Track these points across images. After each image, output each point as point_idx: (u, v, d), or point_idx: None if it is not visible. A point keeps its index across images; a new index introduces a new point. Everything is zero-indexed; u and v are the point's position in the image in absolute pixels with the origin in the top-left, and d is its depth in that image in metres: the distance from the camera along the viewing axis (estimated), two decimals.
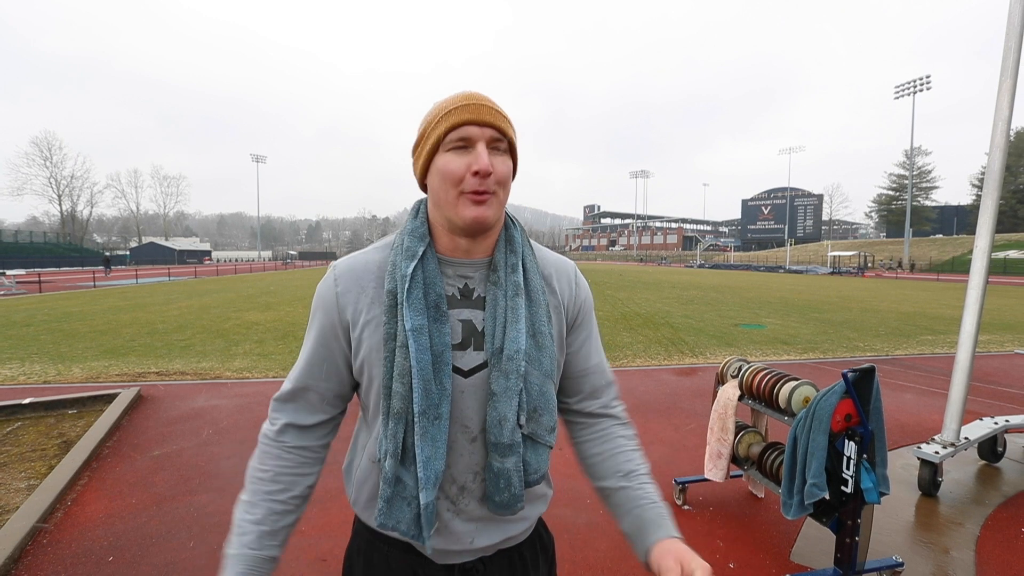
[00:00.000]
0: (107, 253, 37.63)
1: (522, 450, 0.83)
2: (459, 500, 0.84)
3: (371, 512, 0.87)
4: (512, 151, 0.84)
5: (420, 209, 0.90)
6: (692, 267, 57.49)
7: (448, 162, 0.79)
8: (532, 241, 0.95)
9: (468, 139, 0.79)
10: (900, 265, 48.70)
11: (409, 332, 0.78)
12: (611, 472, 0.91)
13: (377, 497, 0.83)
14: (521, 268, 0.87)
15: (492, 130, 0.79)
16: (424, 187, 0.88)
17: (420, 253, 0.83)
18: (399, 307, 0.80)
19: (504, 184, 0.82)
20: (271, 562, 0.83)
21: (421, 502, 0.79)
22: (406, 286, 0.80)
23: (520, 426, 0.82)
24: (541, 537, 0.99)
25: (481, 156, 0.77)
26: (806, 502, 2.12)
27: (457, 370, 0.83)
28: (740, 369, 2.91)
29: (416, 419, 0.78)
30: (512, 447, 0.81)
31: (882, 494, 2.08)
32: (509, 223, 0.91)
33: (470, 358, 0.83)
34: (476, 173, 0.77)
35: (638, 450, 0.94)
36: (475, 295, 0.86)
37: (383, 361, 0.81)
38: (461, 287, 0.86)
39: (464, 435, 0.83)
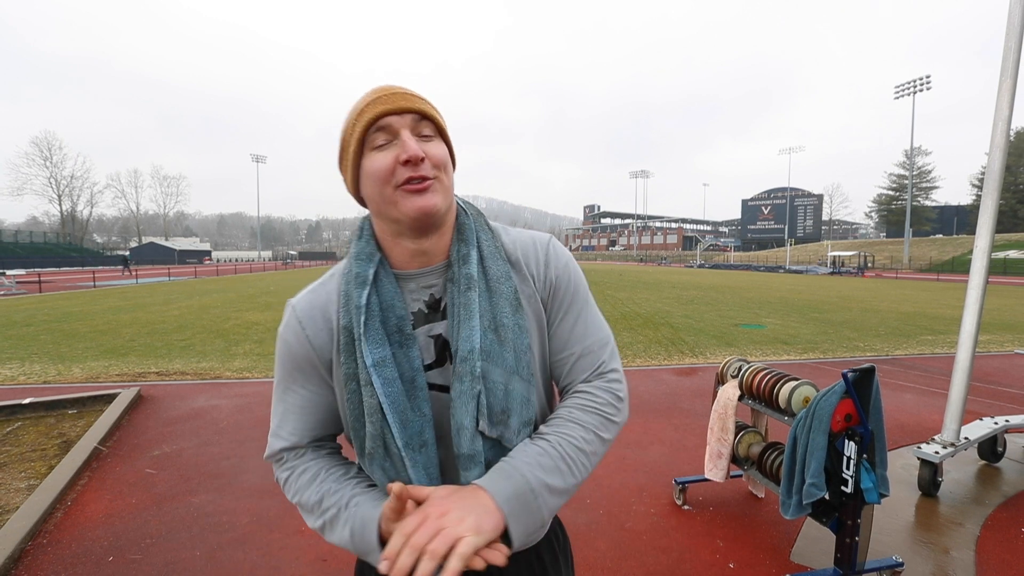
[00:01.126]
0: (126, 253, 37.75)
1: (486, 458, 0.75)
2: None
3: None
4: (442, 133, 0.78)
5: (364, 228, 0.83)
6: (692, 267, 57.49)
7: (374, 161, 0.73)
8: (498, 225, 0.87)
9: (390, 130, 0.73)
10: (867, 264, 48.60)
11: (371, 368, 0.73)
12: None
13: None
14: (475, 257, 0.79)
15: (413, 114, 0.74)
16: (362, 201, 0.80)
17: (371, 277, 0.77)
18: (357, 343, 0.74)
19: (443, 168, 0.76)
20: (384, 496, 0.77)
21: None
22: (362, 318, 0.74)
23: (480, 432, 0.75)
24: (557, 537, 0.94)
25: (408, 143, 0.72)
26: (804, 502, 2.12)
27: (442, 388, 0.78)
28: (740, 369, 2.91)
29: (404, 453, 0.74)
30: (473, 457, 0.74)
31: (882, 495, 2.08)
32: (460, 211, 0.84)
33: (448, 372, 0.78)
34: (407, 162, 0.71)
35: (577, 408, 0.79)
36: (442, 305, 0.80)
37: (346, 403, 0.77)
38: (427, 300, 0.80)
39: None
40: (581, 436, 0.77)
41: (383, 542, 0.69)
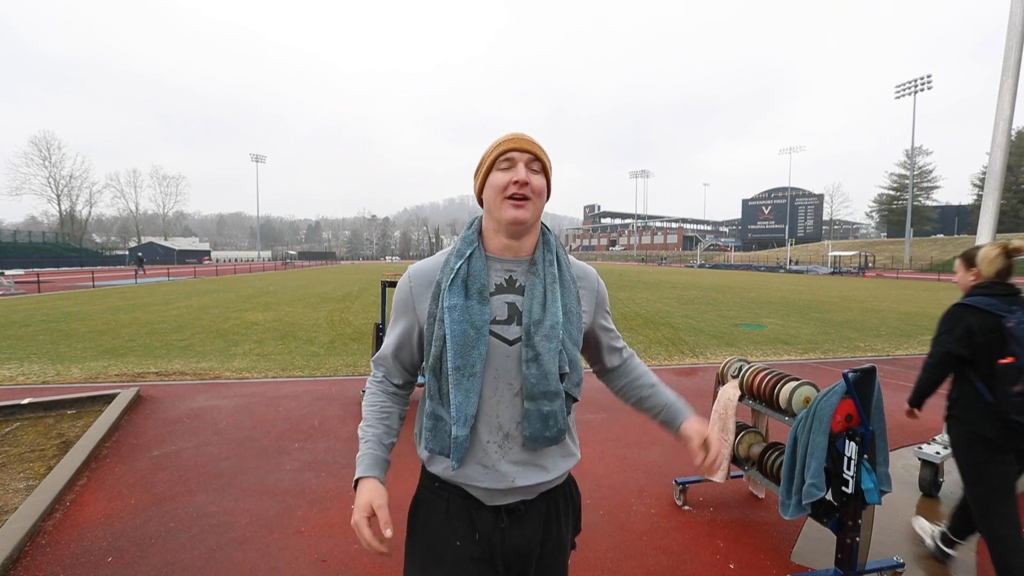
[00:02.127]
0: (140, 253, 38.01)
1: (563, 395, 1.08)
2: (504, 444, 1.08)
3: (436, 465, 1.12)
4: (546, 173, 1.12)
5: (474, 222, 1.18)
6: (692, 267, 57.49)
7: (497, 177, 1.09)
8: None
9: (512, 160, 1.08)
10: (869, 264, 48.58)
11: (446, 309, 1.05)
12: (639, 388, 1.31)
13: (428, 443, 1.10)
14: (556, 263, 1.14)
15: (529, 155, 1.09)
16: (480, 202, 1.15)
17: (468, 253, 1.10)
18: (441, 292, 1.07)
19: (539, 194, 1.09)
20: (386, 462, 1.13)
21: (453, 434, 1.04)
22: (450, 277, 1.07)
23: (562, 377, 1.08)
24: (571, 492, 1.24)
25: (520, 171, 1.07)
26: (804, 502, 2.12)
27: (503, 339, 1.08)
28: (740, 369, 2.91)
29: (450, 373, 1.04)
30: (557, 393, 1.07)
31: (883, 492, 2.08)
32: (546, 231, 1.18)
33: (513, 331, 1.08)
34: (516, 183, 1.06)
35: (648, 371, 1.35)
36: (518, 284, 1.12)
37: (427, 331, 1.10)
38: (507, 279, 1.12)
39: (508, 390, 1.08)
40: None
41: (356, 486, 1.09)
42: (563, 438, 1.10)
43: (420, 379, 1.47)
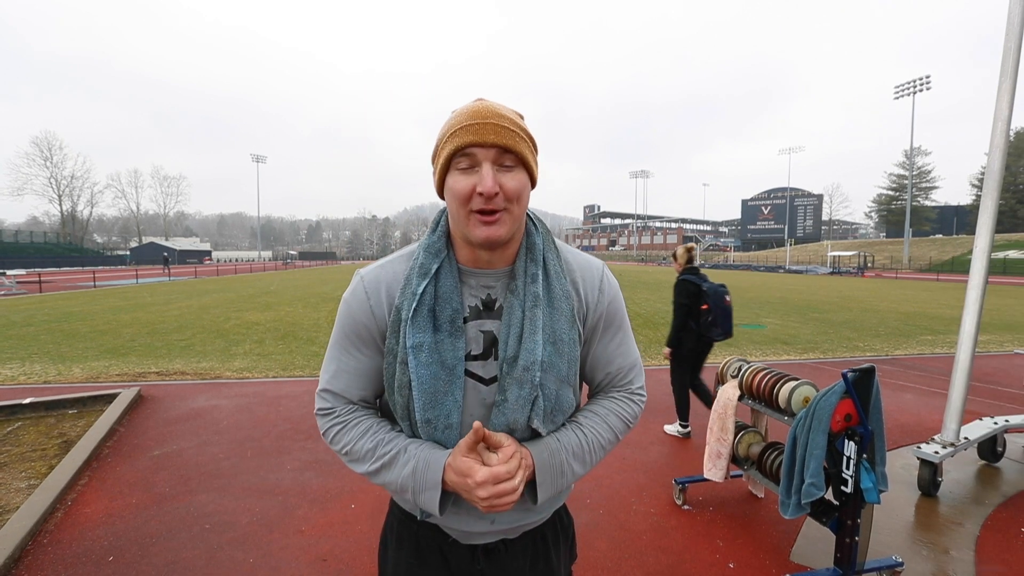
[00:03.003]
0: (165, 253, 38.42)
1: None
2: None
3: (398, 494, 0.91)
4: (525, 162, 0.83)
5: (440, 222, 0.91)
6: None
7: (456, 182, 0.80)
8: (558, 242, 0.96)
9: (473, 159, 0.79)
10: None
11: (409, 349, 0.82)
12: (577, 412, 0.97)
13: None
14: (542, 276, 0.88)
15: (496, 149, 0.79)
16: (442, 196, 0.88)
17: (434, 271, 0.85)
18: (402, 324, 0.83)
19: (517, 199, 0.81)
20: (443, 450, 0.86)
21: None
22: (413, 304, 0.83)
23: (535, 430, 0.86)
24: (561, 519, 1.03)
25: (485, 179, 0.77)
26: (803, 501, 2.12)
27: (479, 379, 0.86)
28: (740, 369, 2.91)
29: (420, 427, 0.84)
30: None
31: (880, 491, 2.09)
32: (531, 228, 0.92)
33: (490, 368, 0.86)
34: (481, 195, 0.78)
35: (611, 414, 0.95)
36: (497, 305, 0.88)
37: (385, 371, 0.88)
38: (484, 298, 0.88)
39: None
40: (607, 438, 0.93)
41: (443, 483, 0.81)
42: (528, 504, 0.88)
43: None
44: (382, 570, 1.02)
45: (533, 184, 0.86)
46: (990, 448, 3.57)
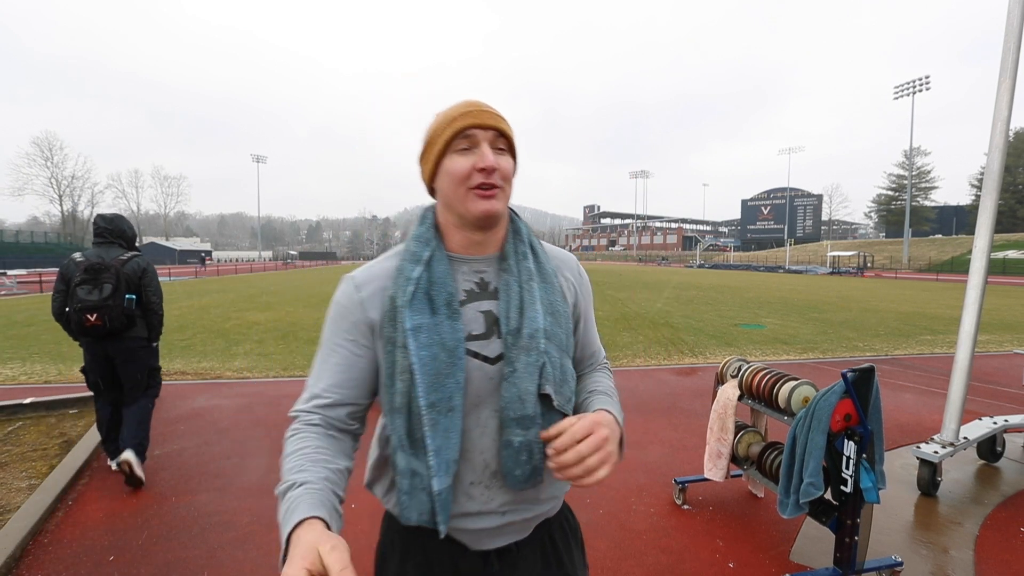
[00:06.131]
0: (203, 254, 38.59)
1: (541, 422, 0.86)
2: (492, 483, 0.87)
3: (399, 506, 0.87)
4: (512, 150, 0.91)
5: (427, 216, 0.95)
6: (692, 267, 57.48)
7: (455, 163, 0.85)
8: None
9: (472, 140, 0.85)
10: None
11: (408, 332, 0.82)
12: (581, 392, 1.00)
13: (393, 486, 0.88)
14: (531, 255, 0.93)
15: (493, 131, 0.86)
16: (432, 192, 0.94)
17: (425, 257, 0.88)
18: (397, 310, 0.84)
19: (508, 179, 0.88)
20: (336, 510, 0.76)
21: (434, 489, 0.81)
22: (409, 288, 0.84)
23: (549, 396, 0.86)
24: (569, 521, 1.03)
25: (486, 155, 0.84)
26: (801, 501, 2.13)
27: (483, 358, 0.86)
28: (740, 369, 2.92)
29: (424, 412, 0.81)
30: (533, 419, 0.85)
31: (880, 491, 2.09)
32: (514, 216, 0.99)
33: (495, 346, 0.87)
34: (482, 170, 0.84)
35: (605, 378, 1.04)
36: (491, 287, 0.91)
37: (384, 361, 0.86)
38: (478, 282, 0.91)
39: (494, 419, 0.86)
40: (617, 403, 0.97)
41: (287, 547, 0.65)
42: (537, 479, 0.87)
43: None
44: None
45: (514, 172, 0.92)
46: (989, 448, 3.58)
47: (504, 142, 0.88)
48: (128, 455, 3.05)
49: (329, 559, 0.60)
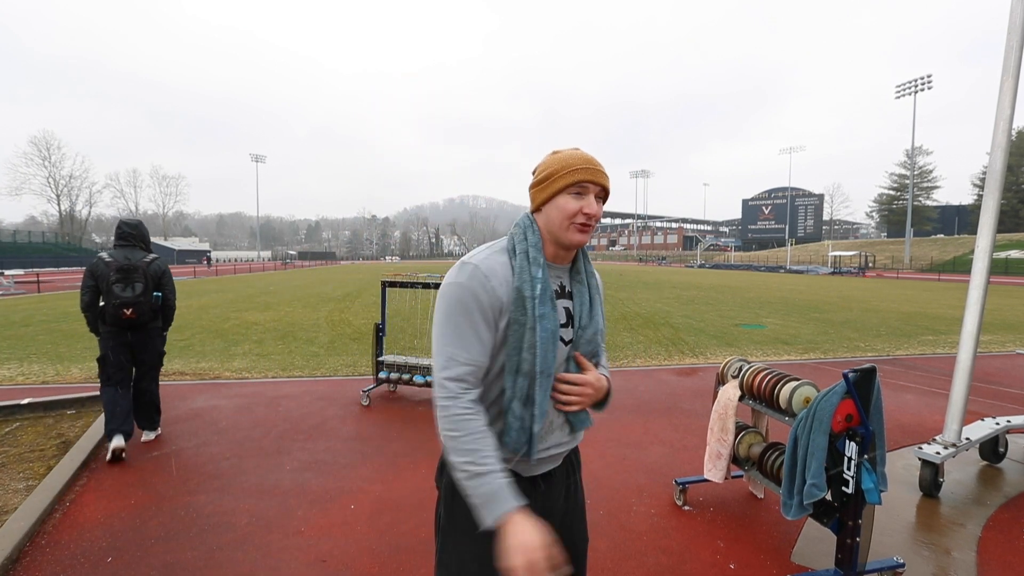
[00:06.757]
0: (209, 252, 39.37)
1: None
2: (551, 429, 1.20)
3: None
4: (606, 199, 1.21)
5: (535, 228, 1.20)
6: (692, 267, 57.48)
7: (568, 203, 1.14)
8: None
9: (584, 190, 1.15)
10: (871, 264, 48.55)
11: (538, 317, 1.11)
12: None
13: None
14: (591, 270, 1.29)
15: (599, 187, 1.17)
16: (536, 210, 1.21)
17: (542, 261, 1.16)
18: (527, 300, 1.11)
19: (599, 221, 1.19)
20: None
21: (534, 430, 1.14)
22: (538, 286, 1.12)
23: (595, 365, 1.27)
24: (577, 453, 1.41)
25: (592, 204, 1.15)
26: (805, 502, 2.12)
27: (564, 341, 1.19)
28: (740, 369, 2.90)
29: (538, 376, 1.12)
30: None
31: (881, 492, 2.08)
32: None
33: (568, 333, 1.21)
34: (588, 215, 1.14)
35: (604, 357, 1.35)
36: (567, 290, 1.24)
37: (512, 336, 1.12)
38: (560, 285, 1.23)
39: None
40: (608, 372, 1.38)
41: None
42: (589, 423, 1.28)
43: (421, 379, 1.48)
44: (450, 510, 1.19)
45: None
46: (992, 449, 3.56)
47: (603, 195, 1.18)
48: (147, 436, 3.85)
49: (552, 551, 0.99)
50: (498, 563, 0.99)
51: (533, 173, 1.22)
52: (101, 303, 3.51)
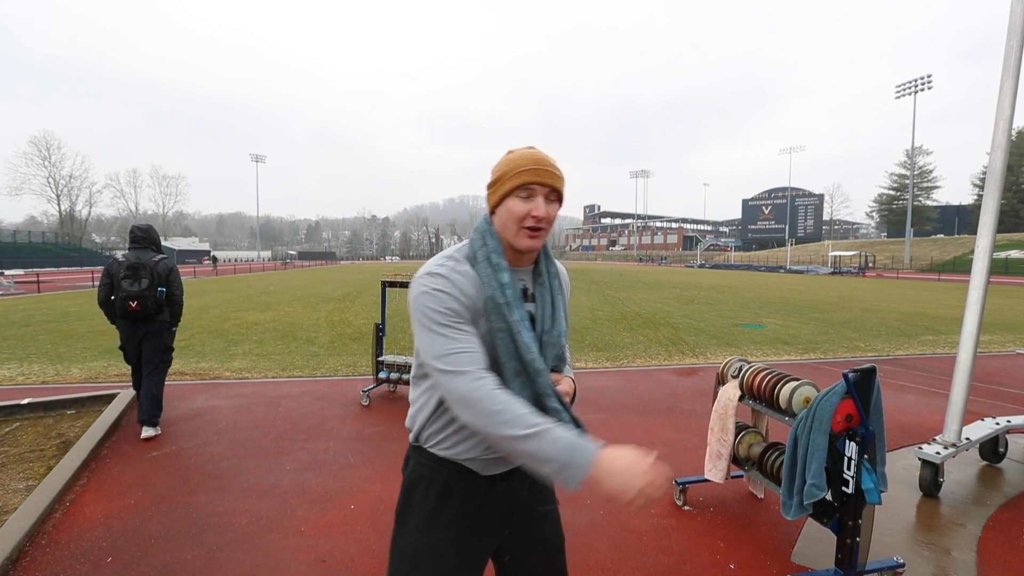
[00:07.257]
0: (213, 253, 40.35)
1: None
2: None
3: (439, 445, 1.19)
4: (560, 198, 1.17)
5: (494, 232, 1.17)
6: (692, 267, 57.49)
7: (516, 205, 1.12)
8: None
9: (532, 192, 1.12)
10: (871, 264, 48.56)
11: (517, 322, 1.11)
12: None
13: (443, 432, 1.18)
14: (554, 271, 1.26)
15: (549, 188, 1.13)
16: (492, 212, 1.19)
17: (505, 266, 1.14)
18: (502, 306, 1.10)
19: (551, 223, 1.16)
20: None
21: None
22: (508, 292, 1.12)
23: (554, 368, 1.31)
24: None
25: (540, 207, 1.11)
26: (805, 502, 2.12)
27: None
28: (741, 369, 2.90)
29: (511, 376, 1.12)
30: (547, 384, 1.18)
31: (881, 492, 2.08)
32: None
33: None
34: (536, 218, 1.11)
35: (568, 354, 1.43)
36: (530, 293, 1.22)
37: (495, 345, 1.12)
38: (523, 288, 1.21)
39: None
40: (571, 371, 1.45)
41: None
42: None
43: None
44: (407, 503, 1.22)
45: (559, 207, 1.20)
46: (992, 449, 3.56)
47: (555, 195, 1.14)
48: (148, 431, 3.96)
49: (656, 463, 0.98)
50: (620, 500, 0.95)
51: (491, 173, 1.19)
52: (113, 297, 3.91)
